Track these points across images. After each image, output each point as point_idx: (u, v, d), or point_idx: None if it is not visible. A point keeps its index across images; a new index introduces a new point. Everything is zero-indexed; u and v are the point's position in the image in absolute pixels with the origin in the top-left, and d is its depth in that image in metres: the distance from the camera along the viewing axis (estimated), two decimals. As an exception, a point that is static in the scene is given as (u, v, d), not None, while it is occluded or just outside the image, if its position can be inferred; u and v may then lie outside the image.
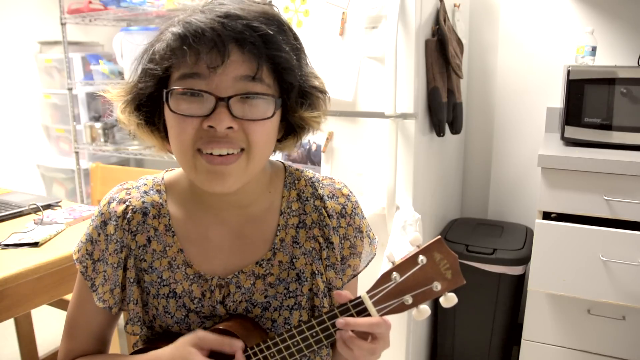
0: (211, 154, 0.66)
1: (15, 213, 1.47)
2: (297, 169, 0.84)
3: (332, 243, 0.79)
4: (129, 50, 2.44)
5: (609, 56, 1.94)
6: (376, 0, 1.58)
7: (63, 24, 2.56)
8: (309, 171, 0.85)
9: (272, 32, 0.65)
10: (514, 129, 2.17)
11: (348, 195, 0.82)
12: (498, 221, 2.14)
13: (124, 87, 0.73)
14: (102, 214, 0.79)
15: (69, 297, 1.65)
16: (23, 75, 2.84)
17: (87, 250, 0.80)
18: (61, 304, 1.72)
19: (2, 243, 1.24)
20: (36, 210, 1.48)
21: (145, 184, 0.81)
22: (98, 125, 2.70)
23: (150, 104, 0.71)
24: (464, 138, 2.25)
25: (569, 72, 1.65)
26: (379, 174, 1.67)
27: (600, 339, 1.62)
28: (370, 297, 0.65)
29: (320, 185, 0.82)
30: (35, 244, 1.24)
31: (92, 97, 2.87)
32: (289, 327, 0.77)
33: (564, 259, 1.53)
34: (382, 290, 0.64)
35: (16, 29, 2.77)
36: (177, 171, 0.83)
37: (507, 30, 2.11)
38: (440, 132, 1.73)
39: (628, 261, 1.45)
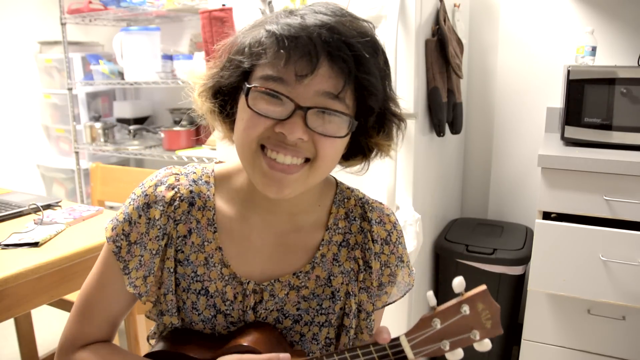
0: (275, 160, 0.66)
1: (15, 213, 1.46)
2: (348, 188, 0.83)
3: (370, 267, 0.79)
4: (129, 50, 2.44)
5: (609, 56, 1.94)
6: (376, 0, 1.58)
7: (63, 24, 2.56)
8: (359, 190, 0.84)
9: (366, 55, 0.64)
10: (514, 129, 2.17)
11: (395, 223, 0.82)
12: (498, 221, 2.14)
13: (206, 72, 0.72)
14: (146, 195, 0.76)
15: (69, 297, 1.65)
16: (23, 75, 2.84)
17: (123, 230, 0.76)
18: (61, 304, 1.72)
19: (2, 243, 1.24)
20: (36, 210, 1.48)
21: (194, 173, 0.79)
22: (98, 125, 2.69)
23: (227, 93, 0.71)
24: (464, 138, 2.25)
25: (569, 72, 1.65)
26: (379, 174, 1.67)
27: (600, 339, 1.62)
28: (409, 341, 0.65)
29: (370, 207, 0.81)
30: (35, 244, 1.24)
31: (92, 97, 2.87)
32: (316, 342, 0.77)
33: (564, 259, 1.53)
34: (421, 335, 0.64)
35: (16, 29, 2.77)
36: (228, 165, 0.81)
37: (507, 30, 2.11)
38: (440, 132, 1.73)
39: (628, 261, 1.45)
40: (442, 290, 1.92)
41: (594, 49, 1.78)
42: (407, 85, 1.58)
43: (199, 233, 0.76)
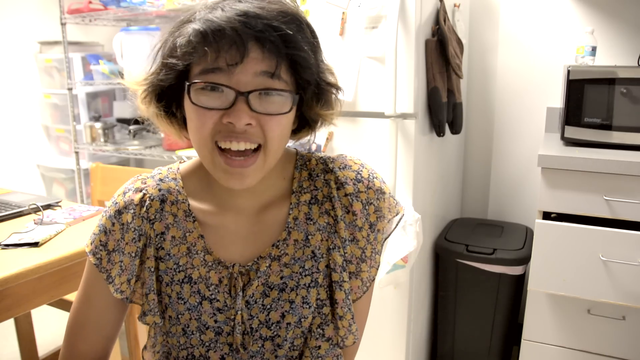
0: (229, 149, 0.67)
1: (15, 213, 1.47)
2: (307, 152, 0.85)
3: (350, 213, 0.78)
4: (129, 50, 2.44)
5: (609, 56, 1.94)
6: (376, 0, 1.58)
7: (63, 24, 2.56)
8: (319, 153, 0.85)
9: (291, 32, 0.66)
10: (514, 129, 2.17)
11: (362, 163, 0.83)
12: (498, 221, 2.14)
13: (143, 76, 0.73)
14: (116, 203, 0.78)
15: (69, 297, 1.65)
16: (23, 75, 2.84)
17: (100, 241, 0.79)
18: (61, 304, 1.72)
19: (2, 243, 1.24)
20: (36, 210, 1.48)
21: (160, 173, 0.82)
22: (98, 125, 2.69)
23: (169, 95, 0.72)
24: (464, 138, 2.25)
25: (569, 72, 1.65)
26: (379, 174, 1.67)
27: (600, 339, 1.62)
28: None
29: (331, 160, 0.82)
30: (35, 244, 1.24)
31: (92, 97, 2.87)
32: (307, 306, 0.77)
33: (564, 259, 1.53)
34: None
35: (16, 29, 2.77)
36: (192, 162, 0.83)
37: (507, 30, 2.11)
38: (440, 132, 1.73)
39: (628, 261, 1.45)
40: (442, 290, 1.92)
41: (594, 49, 1.78)
42: (407, 85, 1.58)
43: (178, 226, 0.77)
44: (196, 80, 0.66)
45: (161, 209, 0.78)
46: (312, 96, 0.73)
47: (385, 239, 0.83)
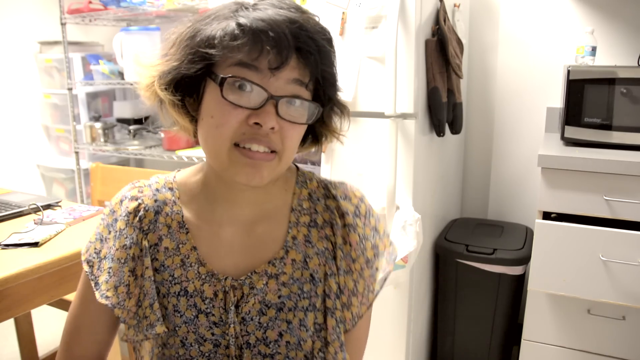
0: (250, 149, 0.67)
1: (15, 213, 1.46)
2: (309, 171, 0.85)
3: (347, 243, 0.78)
4: (129, 50, 2.44)
5: (609, 56, 1.94)
6: (376, 0, 1.58)
7: (63, 24, 2.56)
8: (319, 175, 0.85)
9: (328, 49, 0.69)
10: (514, 129, 2.17)
11: (361, 197, 0.83)
12: (498, 221, 2.14)
13: (161, 62, 0.71)
14: (113, 212, 0.78)
15: (69, 297, 1.65)
16: (23, 75, 2.84)
17: (95, 249, 0.79)
18: (61, 304, 1.71)
19: (2, 243, 1.24)
20: (36, 210, 1.48)
21: (157, 182, 0.81)
22: (98, 125, 2.69)
23: (183, 85, 0.70)
24: (464, 138, 2.25)
25: (569, 72, 1.65)
26: (379, 174, 1.67)
27: (600, 339, 1.62)
28: None
29: (333, 186, 0.82)
30: (35, 244, 1.24)
31: (92, 97, 2.87)
32: (305, 329, 0.76)
33: (564, 259, 1.53)
34: None
35: (16, 29, 2.77)
36: (189, 170, 0.82)
37: (507, 30, 2.11)
38: (440, 132, 1.73)
39: (628, 261, 1.45)
40: (442, 290, 1.92)
41: (594, 49, 1.78)
42: (407, 85, 1.58)
43: (171, 237, 0.77)
44: (231, 75, 0.65)
45: (155, 220, 0.77)
46: (328, 112, 0.75)
47: (384, 279, 0.83)
